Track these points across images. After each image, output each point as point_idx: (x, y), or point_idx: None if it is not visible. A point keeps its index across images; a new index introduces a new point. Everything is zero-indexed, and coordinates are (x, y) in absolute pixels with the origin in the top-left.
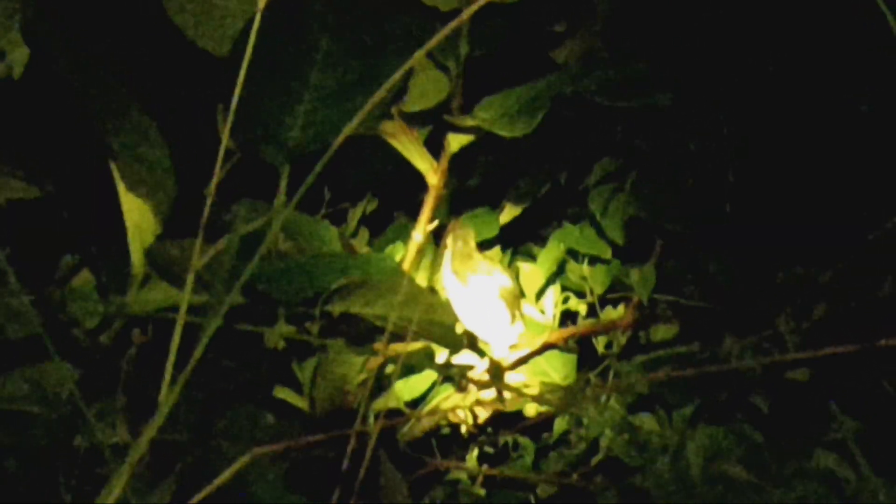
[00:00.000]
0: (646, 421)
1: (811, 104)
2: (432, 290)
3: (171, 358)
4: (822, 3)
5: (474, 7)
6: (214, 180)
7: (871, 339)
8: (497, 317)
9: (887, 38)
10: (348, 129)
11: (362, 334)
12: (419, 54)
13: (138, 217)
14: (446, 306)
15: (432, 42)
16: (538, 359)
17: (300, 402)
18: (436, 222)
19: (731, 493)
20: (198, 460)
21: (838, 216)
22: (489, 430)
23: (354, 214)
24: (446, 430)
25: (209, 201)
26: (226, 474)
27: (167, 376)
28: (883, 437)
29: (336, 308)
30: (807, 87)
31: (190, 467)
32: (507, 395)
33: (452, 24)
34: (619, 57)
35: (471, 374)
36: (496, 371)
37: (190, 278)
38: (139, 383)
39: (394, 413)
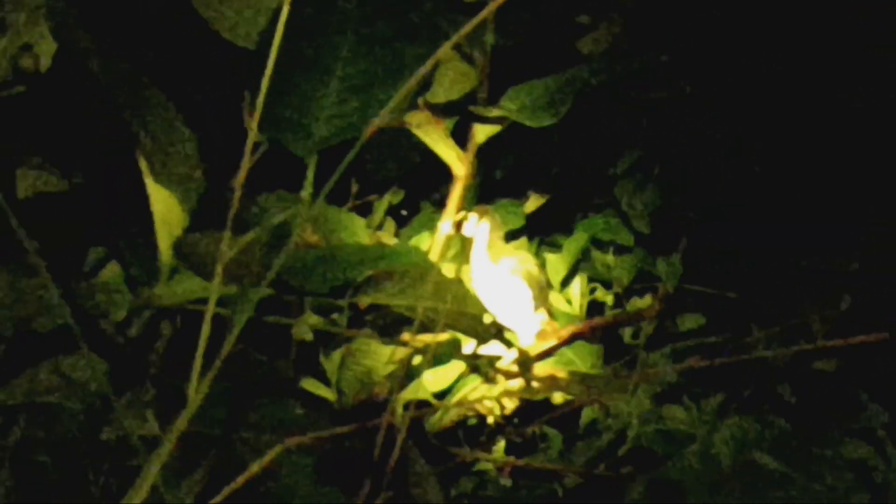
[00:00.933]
0: (673, 410)
1: (839, 93)
2: (460, 280)
3: (201, 350)
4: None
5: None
6: (242, 172)
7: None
8: (524, 306)
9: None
10: (376, 123)
11: (389, 325)
12: (445, 46)
13: (166, 209)
14: (474, 297)
15: (460, 34)
16: (565, 349)
17: (327, 394)
18: (462, 213)
19: (760, 482)
20: (227, 452)
21: (863, 206)
22: (516, 420)
23: (381, 205)
24: (473, 421)
25: (237, 193)
26: (256, 466)
27: (196, 368)
28: None
29: (364, 299)
30: (834, 77)
31: (219, 459)
32: (534, 385)
33: (480, 16)
34: (644, 48)
35: (498, 364)
36: (524, 361)
37: (218, 270)
38: (168, 375)
39: (421, 404)
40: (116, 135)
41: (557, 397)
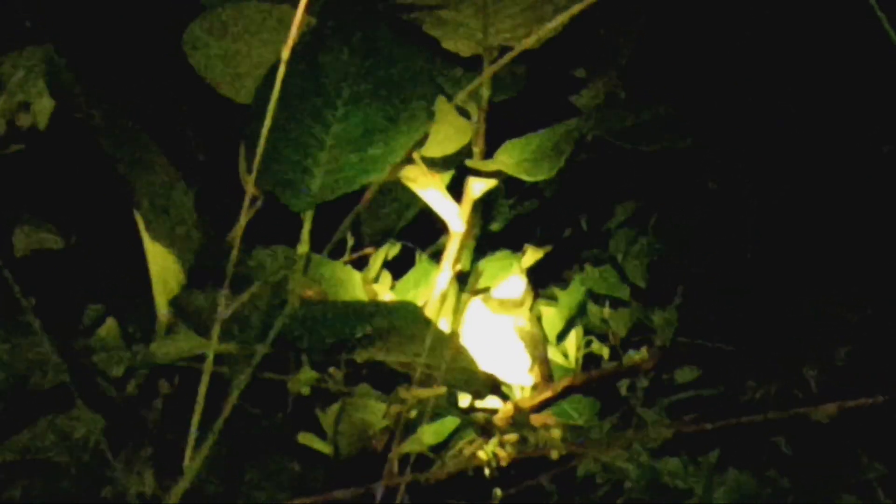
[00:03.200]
0: (670, 464)
1: (833, 145)
2: (455, 335)
3: (199, 408)
4: (838, 46)
5: (499, 63)
6: (239, 228)
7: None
8: (519, 360)
9: None
10: (377, 182)
11: (386, 379)
12: (442, 102)
13: (163, 266)
14: (469, 352)
15: (459, 96)
16: (561, 402)
17: (324, 447)
18: (459, 267)
19: None
20: None
21: (862, 258)
22: (512, 473)
23: (377, 259)
24: (470, 474)
25: (234, 250)
26: None
27: (194, 426)
28: None
29: (360, 356)
30: (827, 128)
31: None
32: (529, 438)
33: (478, 80)
34: (639, 101)
35: (495, 418)
36: (519, 415)
37: (216, 328)
38: (166, 433)
39: (419, 457)
40: (114, 192)
41: (554, 452)
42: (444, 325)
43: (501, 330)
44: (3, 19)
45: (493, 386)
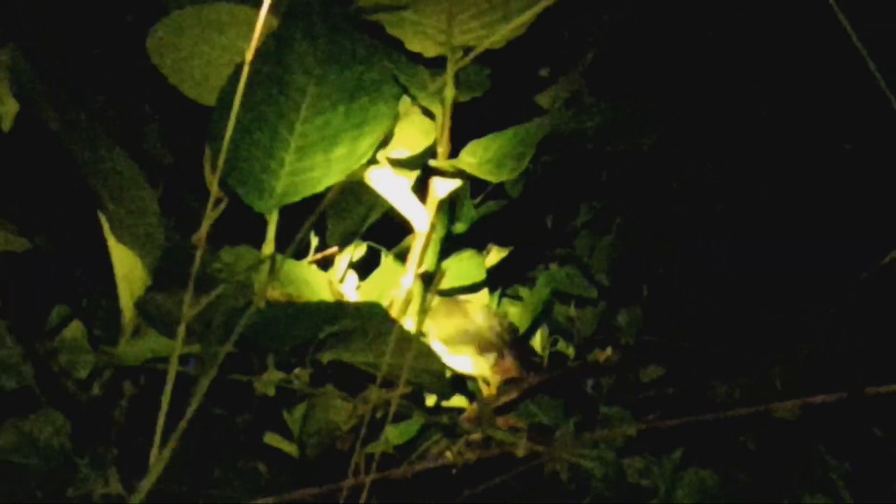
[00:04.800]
0: (635, 463)
1: (797, 145)
2: (421, 335)
3: (164, 409)
4: (804, 46)
5: (463, 62)
6: (203, 230)
7: (859, 383)
8: (483, 360)
9: (868, 80)
10: (340, 183)
11: (352, 380)
12: (406, 102)
13: (128, 268)
14: (435, 353)
15: (424, 96)
16: (526, 401)
17: (290, 448)
18: (424, 267)
19: None
20: None
21: (825, 258)
22: (478, 472)
23: (342, 259)
24: (437, 473)
25: (199, 251)
26: None
27: (160, 427)
28: (871, 478)
29: (326, 356)
30: (793, 127)
31: None
32: (495, 437)
33: (440, 81)
34: (603, 101)
35: (460, 418)
36: (485, 415)
37: (181, 329)
38: (131, 434)
39: (385, 457)
40: (78, 194)
41: (519, 451)
42: (410, 325)
43: (469, 328)
44: None
45: (459, 386)
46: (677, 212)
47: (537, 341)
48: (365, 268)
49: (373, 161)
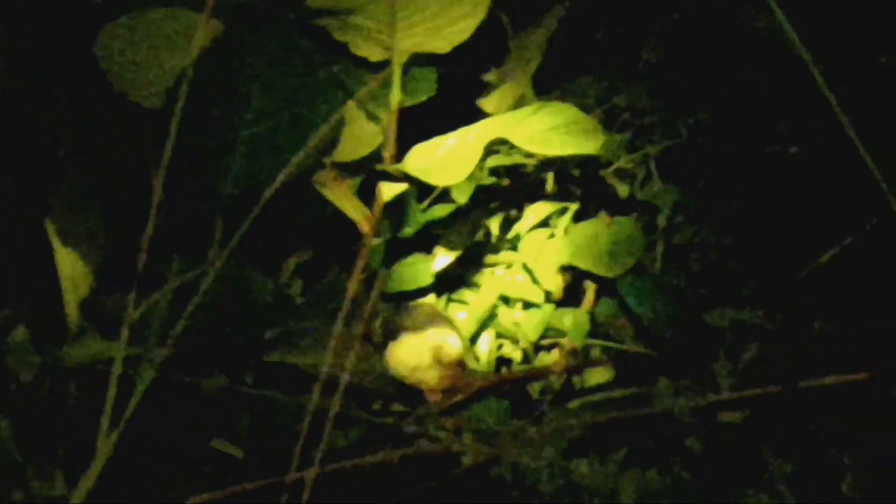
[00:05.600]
0: (581, 465)
1: (738, 147)
2: (367, 338)
3: (108, 410)
4: (750, 47)
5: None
6: (147, 233)
7: (797, 379)
8: (429, 363)
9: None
10: (280, 180)
11: (300, 382)
12: (349, 105)
13: (73, 271)
14: (379, 354)
15: (369, 101)
16: (472, 405)
17: (235, 451)
18: (370, 271)
19: None
20: None
21: (767, 256)
22: (423, 474)
23: (288, 266)
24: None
25: (143, 254)
26: None
27: (104, 429)
28: (812, 478)
29: (271, 357)
30: (735, 128)
31: None
32: (441, 441)
33: (377, 83)
34: (550, 105)
35: (405, 422)
36: (429, 418)
37: (125, 330)
38: (77, 436)
39: (329, 458)
40: (24, 198)
41: (467, 460)
42: (356, 328)
43: (415, 334)
44: None
45: (404, 389)
46: (622, 216)
47: (484, 345)
48: (312, 276)
49: (319, 165)
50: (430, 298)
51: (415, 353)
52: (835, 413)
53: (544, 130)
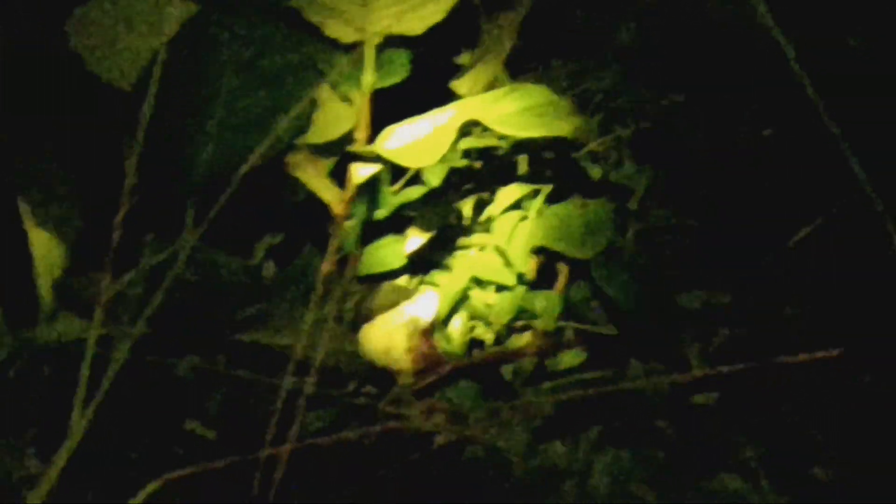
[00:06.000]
0: (554, 446)
1: (711, 129)
2: (339, 319)
3: (81, 390)
4: (723, 30)
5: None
6: (120, 214)
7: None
8: (402, 345)
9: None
10: (251, 161)
11: (272, 363)
12: (320, 86)
13: (46, 251)
14: (352, 335)
15: (342, 83)
16: (445, 387)
17: (206, 433)
18: (343, 252)
19: None
20: (109, 489)
21: (738, 238)
22: (396, 455)
23: (260, 247)
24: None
25: (116, 234)
26: (138, 500)
27: (77, 408)
28: (785, 459)
29: (243, 338)
30: (712, 113)
31: (101, 496)
32: (414, 422)
33: (351, 65)
34: (523, 87)
35: (380, 403)
36: (402, 399)
37: (98, 311)
38: (50, 416)
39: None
40: None
41: (440, 439)
42: (328, 310)
43: (386, 315)
44: None
45: (377, 370)
46: (595, 197)
47: (456, 327)
48: (284, 258)
49: (292, 146)
50: (403, 280)
51: (387, 335)
52: (807, 393)
53: (518, 112)
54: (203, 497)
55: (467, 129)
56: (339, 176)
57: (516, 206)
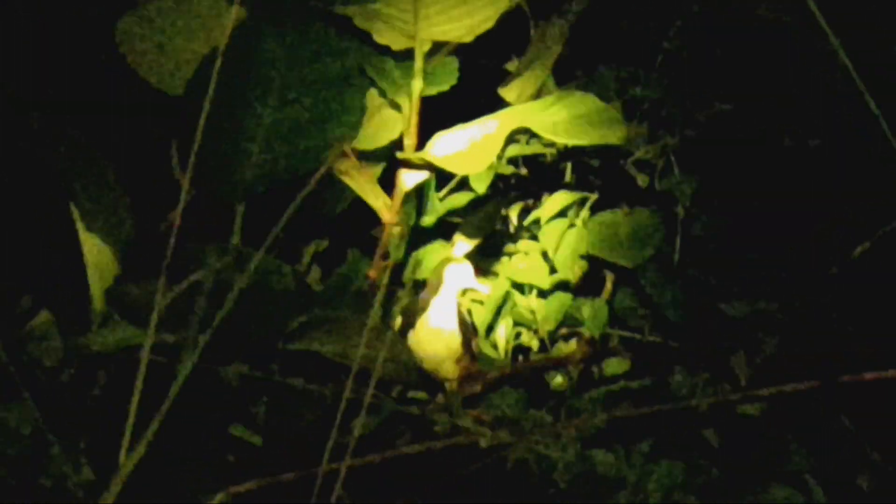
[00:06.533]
0: (600, 455)
1: (765, 139)
2: (389, 326)
3: (136, 397)
4: (770, 39)
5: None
6: (176, 220)
7: (824, 373)
8: (448, 351)
9: (835, 74)
10: (322, 170)
11: (320, 371)
12: (373, 94)
13: (98, 257)
14: (405, 344)
15: (391, 90)
16: (490, 394)
17: (254, 440)
18: (391, 258)
19: None
20: (166, 498)
21: (791, 252)
22: (444, 463)
23: (307, 252)
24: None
25: (171, 241)
26: None
27: (132, 415)
28: (837, 468)
29: (296, 346)
30: (759, 122)
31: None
32: (462, 430)
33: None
34: (571, 95)
35: (427, 409)
36: (453, 405)
37: (154, 318)
38: (105, 422)
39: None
40: (50, 184)
41: (483, 442)
42: (376, 316)
43: (435, 320)
44: None
45: (426, 378)
46: (642, 206)
47: (501, 334)
48: (330, 263)
49: (340, 153)
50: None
51: (433, 341)
52: (856, 403)
53: (567, 120)
54: None
55: (515, 136)
56: (385, 182)
57: (563, 213)
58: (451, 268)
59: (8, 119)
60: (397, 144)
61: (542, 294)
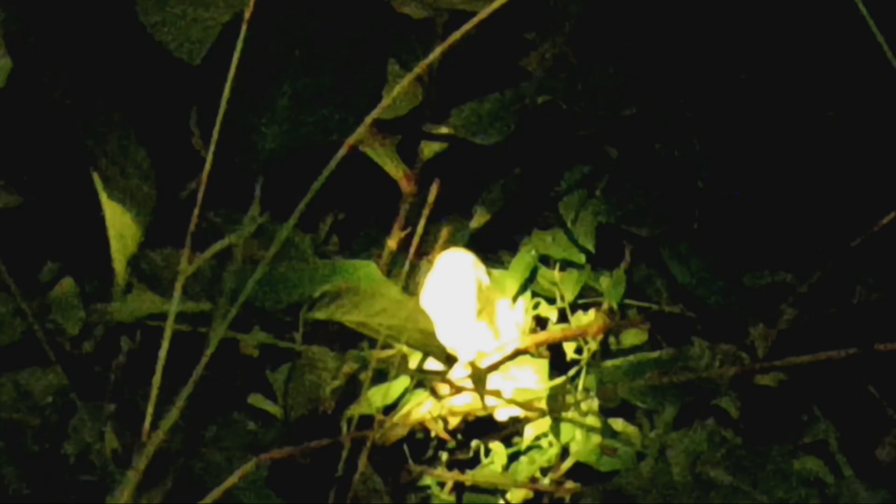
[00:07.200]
0: (619, 425)
1: (783, 110)
2: (411, 295)
3: (160, 366)
4: (793, 9)
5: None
6: (201, 189)
7: (848, 343)
8: (470, 323)
9: (861, 45)
10: (349, 142)
11: (339, 340)
12: (391, 63)
13: (121, 225)
14: (426, 313)
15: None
16: (509, 364)
17: (274, 409)
18: (409, 229)
19: (712, 496)
20: (187, 467)
21: (811, 222)
22: (459, 436)
23: (326, 223)
24: (420, 436)
25: (196, 210)
26: (233, 478)
27: (156, 385)
28: (863, 438)
29: (318, 315)
30: (778, 93)
31: (179, 476)
32: (486, 399)
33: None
34: (588, 65)
35: (448, 378)
36: (477, 375)
37: (178, 287)
38: (129, 390)
39: (367, 419)
40: (71, 150)
41: (502, 414)
42: (398, 286)
43: (454, 292)
44: None
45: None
46: (662, 176)
47: (520, 305)
48: (348, 234)
49: (361, 123)
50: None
51: (451, 311)
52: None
53: (586, 90)
54: (287, 476)
55: (537, 107)
56: (405, 153)
57: (583, 183)
58: (446, 256)
59: (29, 88)
60: (418, 115)
61: (564, 266)
